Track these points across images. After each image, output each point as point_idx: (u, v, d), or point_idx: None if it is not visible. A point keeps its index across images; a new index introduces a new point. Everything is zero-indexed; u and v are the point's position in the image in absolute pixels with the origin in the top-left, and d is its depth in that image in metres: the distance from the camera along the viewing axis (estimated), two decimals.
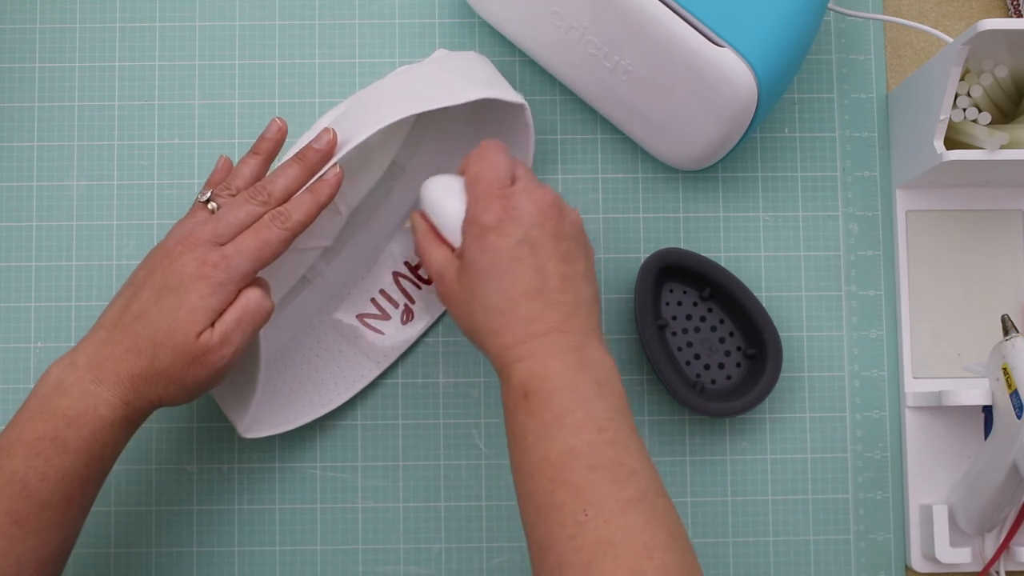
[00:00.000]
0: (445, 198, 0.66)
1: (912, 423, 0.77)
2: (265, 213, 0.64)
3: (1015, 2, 0.81)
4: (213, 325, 0.61)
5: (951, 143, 0.72)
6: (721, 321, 0.76)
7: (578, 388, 0.59)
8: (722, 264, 0.78)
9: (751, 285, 0.77)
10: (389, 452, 0.77)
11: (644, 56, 0.70)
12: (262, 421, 0.72)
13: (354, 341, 0.77)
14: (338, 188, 0.66)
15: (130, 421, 0.61)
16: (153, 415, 0.64)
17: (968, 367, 0.73)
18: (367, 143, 0.67)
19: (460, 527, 0.76)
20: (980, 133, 0.70)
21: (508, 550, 0.76)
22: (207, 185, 0.67)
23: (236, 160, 0.72)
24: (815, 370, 0.78)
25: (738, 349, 0.76)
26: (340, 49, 0.80)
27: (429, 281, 0.78)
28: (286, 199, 0.65)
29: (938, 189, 0.78)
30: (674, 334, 0.76)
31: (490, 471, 0.77)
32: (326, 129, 0.66)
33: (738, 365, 0.76)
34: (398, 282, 0.78)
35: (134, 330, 0.61)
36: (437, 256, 0.66)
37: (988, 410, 0.74)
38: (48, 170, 0.78)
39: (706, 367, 0.76)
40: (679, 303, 0.76)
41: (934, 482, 0.76)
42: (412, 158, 0.78)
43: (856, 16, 0.78)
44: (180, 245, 0.62)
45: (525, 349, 0.61)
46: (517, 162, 0.66)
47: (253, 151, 0.68)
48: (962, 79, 0.72)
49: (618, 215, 0.79)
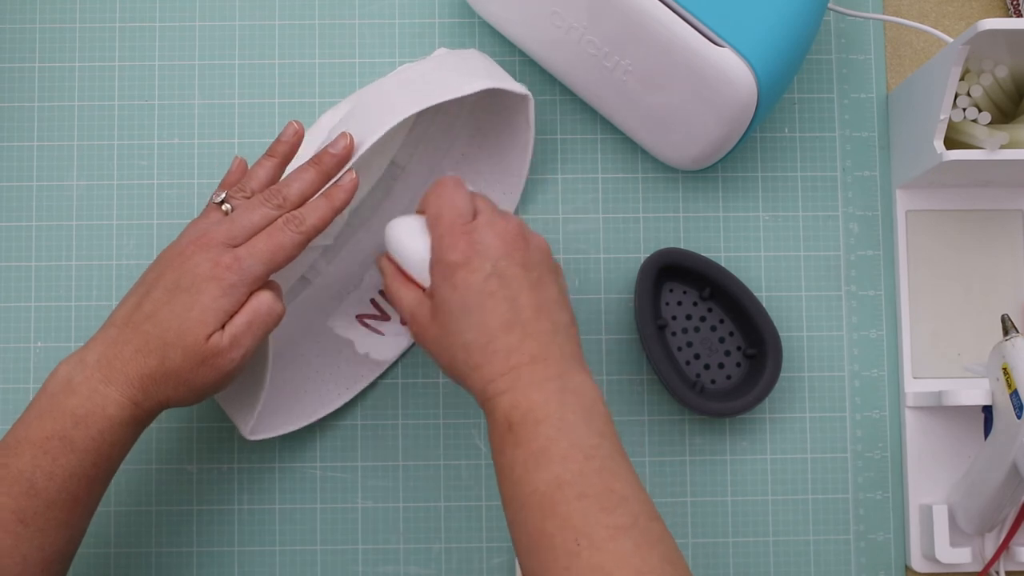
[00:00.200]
0: (409, 239, 0.65)
1: (912, 423, 0.77)
2: (279, 217, 0.63)
3: (1015, 2, 0.81)
4: (223, 327, 0.61)
5: (951, 143, 0.72)
6: (721, 321, 0.76)
7: (563, 417, 0.59)
8: (722, 264, 0.78)
9: (751, 285, 0.77)
10: (389, 452, 0.77)
11: (644, 56, 0.70)
12: (264, 423, 0.72)
13: (354, 342, 0.77)
14: (354, 193, 0.65)
15: (138, 421, 0.61)
16: None
17: (968, 367, 0.73)
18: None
19: (460, 527, 0.76)
20: (980, 133, 0.70)
21: (508, 550, 0.76)
22: (221, 186, 0.66)
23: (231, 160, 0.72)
24: (815, 370, 0.78)
25: (738, 349, 0.76)
26: (340, 49, 0.80)
27: None
28: (301, 203, 0.64)
29: (938, 189, 0.78)
30: (674, 334, 0.76)
31: (490, 471, 0.76)
32: (343, 134, 0.65)
33: (738, 365, 0.76)
34: None
35: (144, 329, 0.61)
36: (407, 297, 0.65)
37: (988, 410, 0.74)
38: (48, 170, 0.78)
39: (706, 367, 0.76)
40: (679, 303, 0.76)
41: (934, 482, 0.76)
42: (412, 158, 0.78)
43: (856, 16, 0.78)
44: (193, 245, 0.62)
45: (506, 381, 0.60)
46: (477, 195, 0.65)
47: (269, 153, 0.67)
48: (962, 79, 0.72)
49: (618, 215, 0.79)
